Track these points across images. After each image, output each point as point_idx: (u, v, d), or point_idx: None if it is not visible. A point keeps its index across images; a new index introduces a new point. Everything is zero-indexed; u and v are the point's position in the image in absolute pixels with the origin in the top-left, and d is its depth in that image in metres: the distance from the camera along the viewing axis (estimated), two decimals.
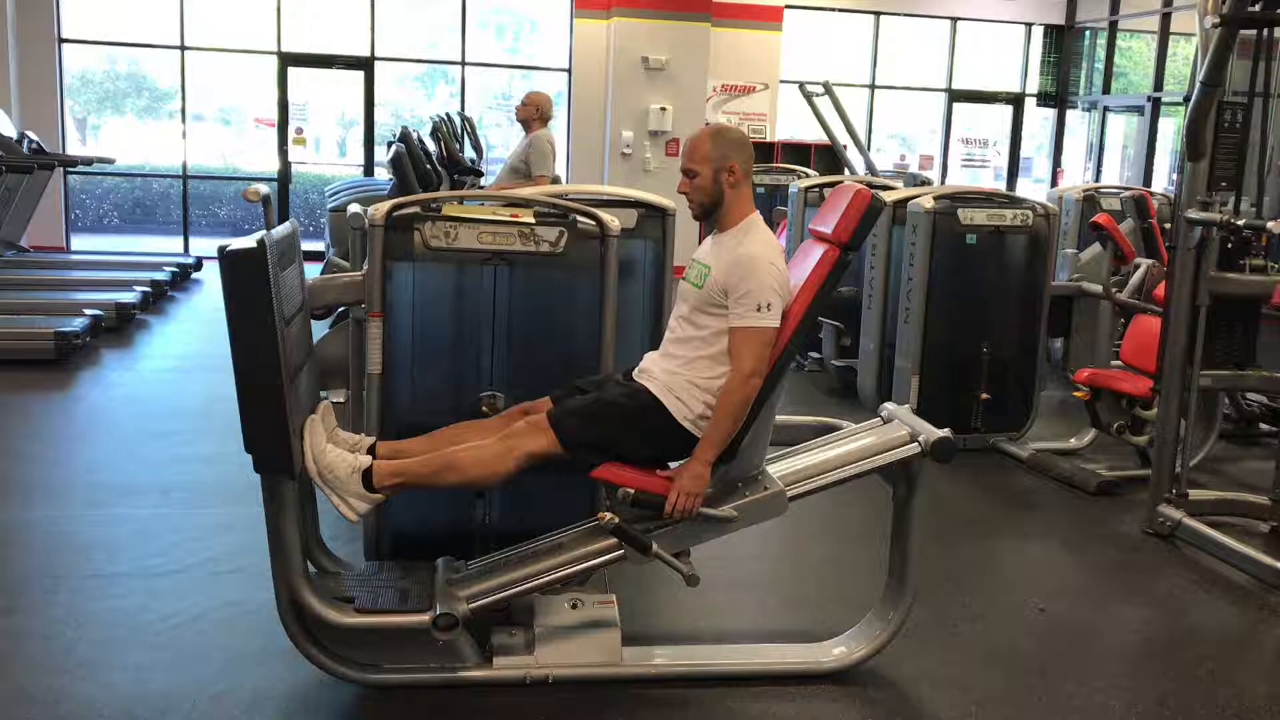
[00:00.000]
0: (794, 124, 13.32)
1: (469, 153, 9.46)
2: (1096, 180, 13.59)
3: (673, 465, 3.18)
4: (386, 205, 3.50)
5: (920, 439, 3.20)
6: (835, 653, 3.34)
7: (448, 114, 9.10)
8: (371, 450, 3.12)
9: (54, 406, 6.23)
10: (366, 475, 2.97)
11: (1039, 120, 15.00)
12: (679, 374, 3.14)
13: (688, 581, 3.10)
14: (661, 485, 3.08)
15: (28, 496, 4.64)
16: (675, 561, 3.09)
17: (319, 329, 4.51)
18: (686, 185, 3.20)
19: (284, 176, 12.48)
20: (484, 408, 3.51)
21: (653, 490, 3.07)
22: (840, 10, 13.55)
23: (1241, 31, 4.28)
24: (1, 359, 6.82)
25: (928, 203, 5.74)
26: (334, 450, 2.98)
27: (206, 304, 9.60)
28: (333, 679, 3.08)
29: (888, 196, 6.17)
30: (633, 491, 3.05)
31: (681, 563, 3.11)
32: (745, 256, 3.06)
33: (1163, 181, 12.98)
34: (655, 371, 3.20)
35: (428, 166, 6.70)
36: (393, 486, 3.02)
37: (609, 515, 3.03)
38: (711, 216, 3.22)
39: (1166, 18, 12.71)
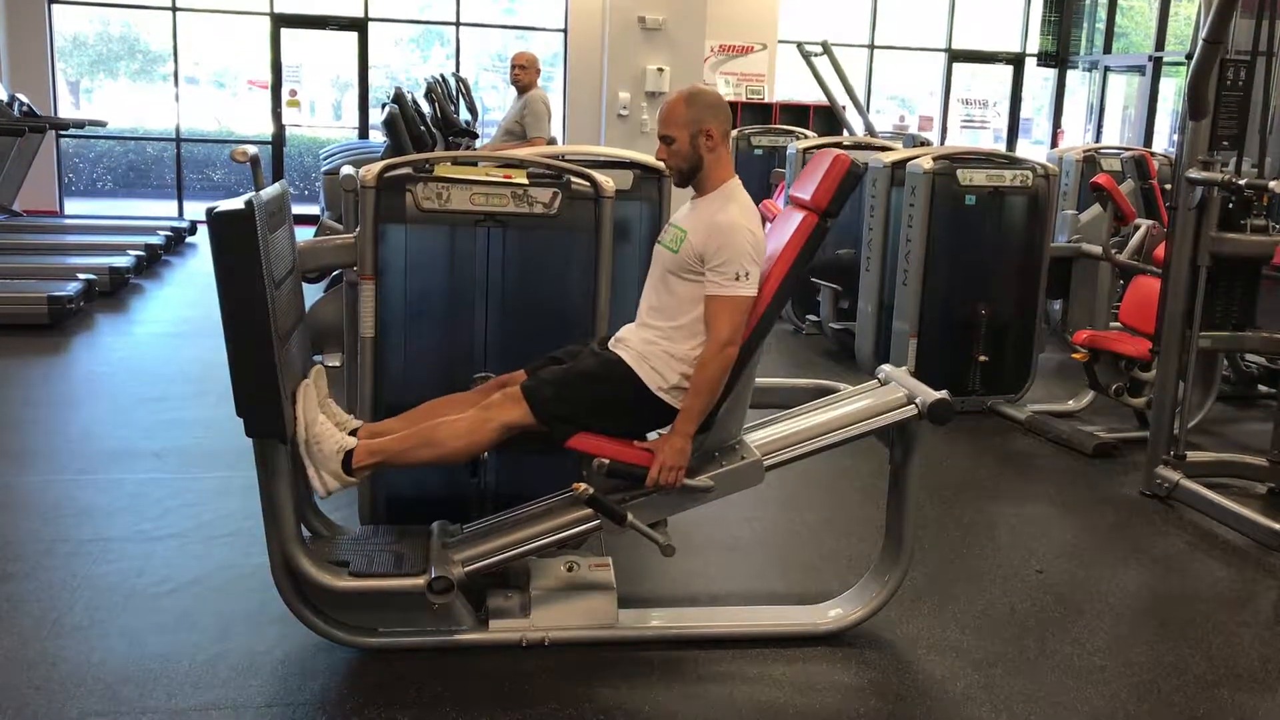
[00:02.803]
0: (792, 85, 13.22)
1: (464, 114, 9.39)
2: (1097, 141, 13.51)
3: (650, 436, 3.16)
4: (378, 166, 3.46)
5: (917, 401, 3.18)
6: (832, 615, 3.34)
7: (442, 75, 9.02)
8: (356, 433, 3.10)
9: (47, 371, 6.21)
10: (347, 458, 2.96)
11: (1039, 81, 14.90)
12: (655, 344, 3.11)
13: (663, 551, 3.09)
14: (637, 455, 3.06)
15: (22, 461, 4.63)
16: (651, 532, 3.07)
17: (313, 293, 4.48)
18: (664, 152, 3.15)
19: (278, 139, 12.40)
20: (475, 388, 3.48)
21: (628, 460, 3.04)
22: None
23: None
24: None
25: (927, 164, 5.69)
26: (325, 423, 2.97)
27: (201, 268, 9.55)
28: (327, 642, 3.08)
29: (886, 158, 6.14)
30: (607, 462, 3.03)
31: (658, 532, 3.09)
32: (723, 224, 3.01)
33: (1163, 142, 12.91)
34: (631, 341, 3.16)
35: (422, 128, 6.65)
36: (370, 466, 3.01)
37: (583, 486, 3.01)
38: (691, 181, 3.17)
39: None
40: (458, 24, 12.72)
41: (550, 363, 3.20)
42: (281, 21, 12.18)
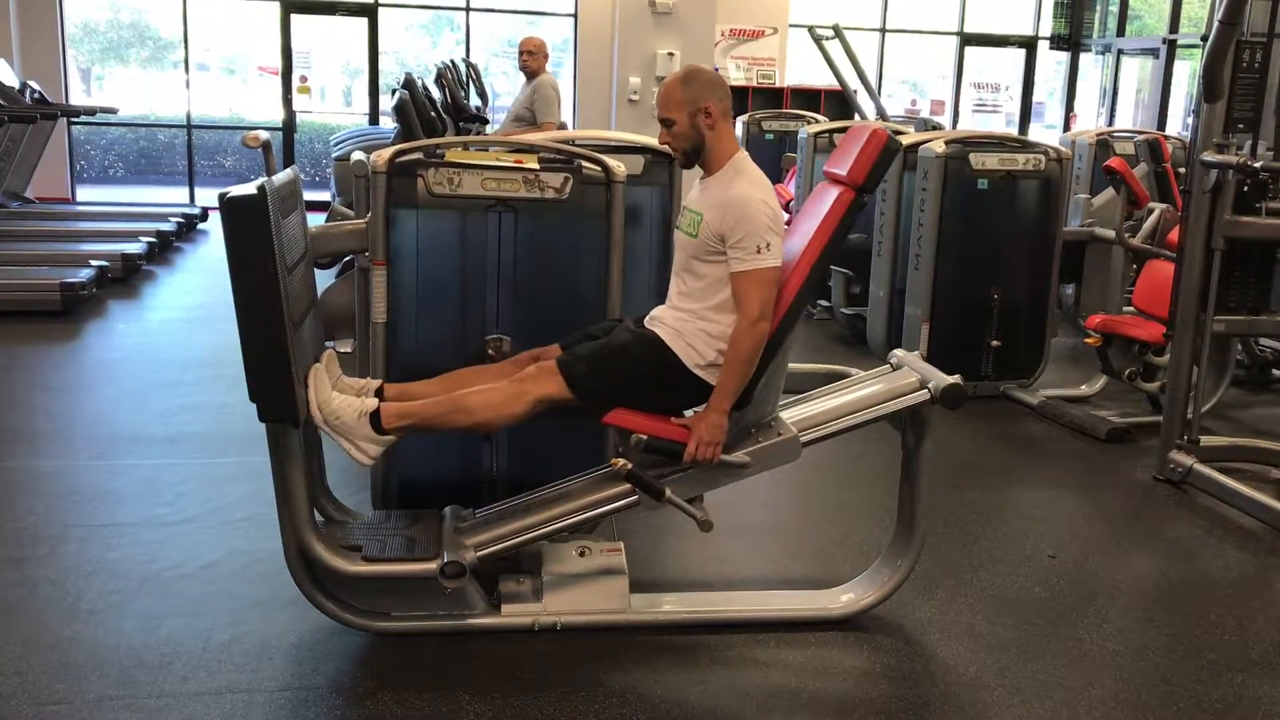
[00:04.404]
0: (804, 69, 13.17)
1: (474, 100, 9.38)
2: (1110, 125, 13.43)
3: (687, 413, 3.16)
4: (389, 151, 3.45)
5: (930, 386, 3.17)
6: (844, 599, 3.34)
7: (453, 61, 9.01)
8: (379, 393, 3.09)
9: (61, 358, 6.23)
10: (375, 418, 2.95)
11: (1052, 64, 14.81)
12: (690, 322, 3.11)
13: (701, 527, 3.09)
14: (674, 431, 3.06)
15: (36, 447, 4.65)
16: (689, 507, 3.08)
17: (324, 279, 4.49)
18: (666, 135, 3.14)
19: (289, 126, 12.38)
20: (490, 350, 3.49)
21: (666, 436, 3.04)
22: None
23: None
24: (8, 310, 6.81)
25: (939, 148, 5.67)
26: (339, 397, 2.95)
27: (213, 254, 9.57)
28: (341, 627, 3.09)
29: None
30: (645, 437, 3.03)
31: (695, 508, 3.09)
32: (735, 199, 3.00)
33: (1177, 126, 12.83)
34: (666, 319, 3.16)
35: (432, 114, 6.63)
36: (402, 428, 2.99)
37: (622, 461, 3.01)
38: (696, 161, 3.16)
39: None
40: (468, 9, 12.69)
41: (585, 338, 3.19)
42: (291, 7, 12.15)
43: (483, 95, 10.02)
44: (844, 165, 3.13)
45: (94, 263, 7.59)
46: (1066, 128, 14.17)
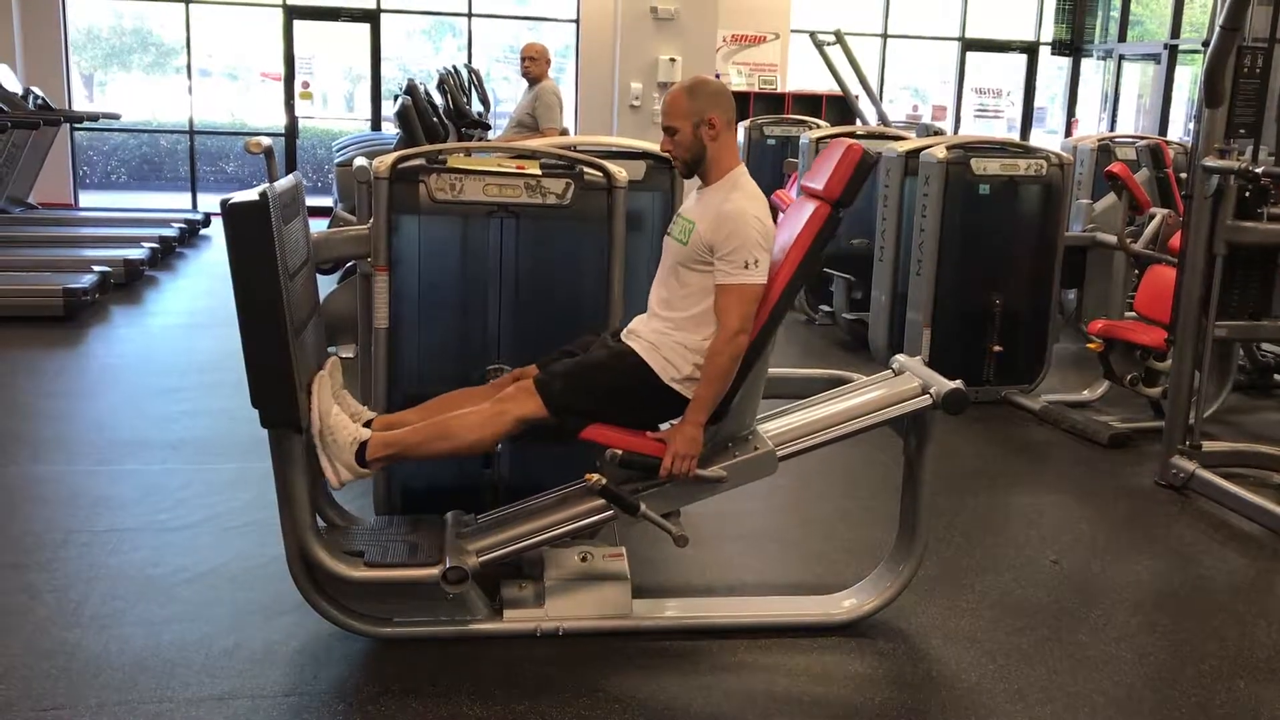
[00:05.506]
0: (805, 74, 13.18)
1: (476, 106, 9.39)
2: (1111, 130, 13.44)
3: (662, 427, 3.16)
4: (391, 157, 3.45)
5: (931, 391, 3.17)
6: (846, 605, 3.33)
7: (454, 67, 9.03)
8: (370, 425, 3.11)
9: (63, 363, 6.24)
10: (361, 449, 2.97)
11: (1053, 69, 14.82)
12: (667, 335, 3.11)
13: (676, 542, 3.08)
14: (650, 446, 3.06)
15: (38, 452, 4.65)
16: (664, 522, 3.07)
17: (326, 285, 4.49)
18: (668, 143, 3.14)
19: (291, 131, 12.40)
20: (490, 380, 3.48)
21: (641, 450, 3.04)
22: None
23: None
24: (11, 316, 6.83)
25: (940, 153, 5.67)
26: (340, 415, 2.97)
27: (215, 260, 9.58)
28: (343, 632, 3.10)
29: (900, 147, 6.11)
30: (620, 452, 3.03)
31: (671, 523, 3.09)
32: (730, 212, 3.00)
33: (1178, 131, 12.83)
34: (642, 332, 3.16)
35: (434, 120, 6.65)
36: (384, 459, 3.01)
37: (596, 477, 3.01)
38: (696, 171, 3.16)
39: None
40: (470, 15, 12.71)
41: (563, 355, 3.20)
42: (294, 13, 12.18)
43: (484, 101, 10.04)
44: (820, 180, 3.13)
45: (96, 268, 7.61)
46: (1068, 133, 14.16)
